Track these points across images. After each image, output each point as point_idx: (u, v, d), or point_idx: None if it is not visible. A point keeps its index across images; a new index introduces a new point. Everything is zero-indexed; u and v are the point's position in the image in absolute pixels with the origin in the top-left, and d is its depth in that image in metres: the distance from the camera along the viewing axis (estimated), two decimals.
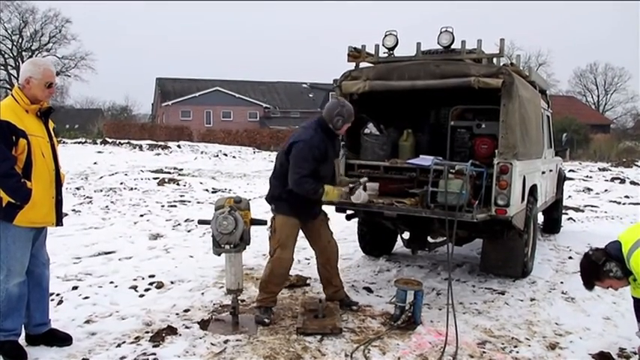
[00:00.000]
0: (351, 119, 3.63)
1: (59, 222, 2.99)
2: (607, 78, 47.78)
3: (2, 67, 37.80)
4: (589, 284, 2.87)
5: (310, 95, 44.95)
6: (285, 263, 3.61)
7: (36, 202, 2.79)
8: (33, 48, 39.68)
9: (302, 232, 3.75)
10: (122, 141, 24.10)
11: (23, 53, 39.29)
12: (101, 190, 9.84)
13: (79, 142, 23.53)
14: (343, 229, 6.17)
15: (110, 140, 24.48)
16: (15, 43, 39.16)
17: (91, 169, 14.01)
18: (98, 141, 24.34)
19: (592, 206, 9.33)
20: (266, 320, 3.51)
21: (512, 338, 3.40)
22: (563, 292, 4.36)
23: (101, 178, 11.73)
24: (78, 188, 10.13)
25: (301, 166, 3.42)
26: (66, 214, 7.24)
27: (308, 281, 4.44)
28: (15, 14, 38.23)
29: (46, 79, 2.85)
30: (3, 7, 37.02)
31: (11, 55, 39.06)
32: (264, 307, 3.60)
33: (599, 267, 2.75)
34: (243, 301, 3.88)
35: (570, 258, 5.53)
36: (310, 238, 3.82)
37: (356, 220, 5.08)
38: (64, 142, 21.33)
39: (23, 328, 3.02)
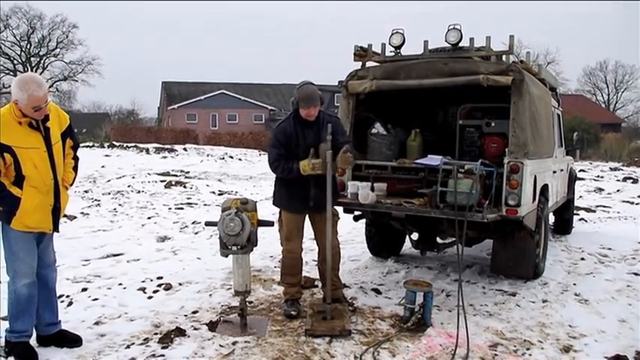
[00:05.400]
0: (306, 100, 3.48)
1: (55, 228, 2.99)
2: (617, 76, 47.09)
3: (11, 73, 38.16)
4: None
5: None
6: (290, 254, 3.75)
7: (27, 209, 2.80)
8: (41, 53, 40.08)
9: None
10: (129, 144, 24.22)
11: (32, 59, 39.71)
12: (109, 193, 9.90)
13: (87, 146, 23.65)
14: (351, 230, 6.15)
15: (117, 144, 24.61)
16: (23, 49, 39.58)
17: (99, 173, 14.11)
18: (106, 145, 24.50)
19: (604, 206, 9.21)
20: (293, 312, 3.61)
21: (525, 341, 3.34)
22: (576, 294, 4.28)
23: (109, 181, 11.81)
24: (86, 191, 10.20)
25: (270, 152, 3.64)
26: (74, 217, 7.33)
27: (316, 282, 4.40)
28: (23, 20, 38.67)
29: (31, 104, 2.72)
30: (11, 14, 37.54)
31: (20, 60, 39.47)
32: (290, 299, 3.72)
33: None
34: (251, 302, 3.86)
35: (582, 259, 5.44)
36: (315, 233, 3.81)
37: (364, 221, 5.04)
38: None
39: (34, 330, 3.03)
